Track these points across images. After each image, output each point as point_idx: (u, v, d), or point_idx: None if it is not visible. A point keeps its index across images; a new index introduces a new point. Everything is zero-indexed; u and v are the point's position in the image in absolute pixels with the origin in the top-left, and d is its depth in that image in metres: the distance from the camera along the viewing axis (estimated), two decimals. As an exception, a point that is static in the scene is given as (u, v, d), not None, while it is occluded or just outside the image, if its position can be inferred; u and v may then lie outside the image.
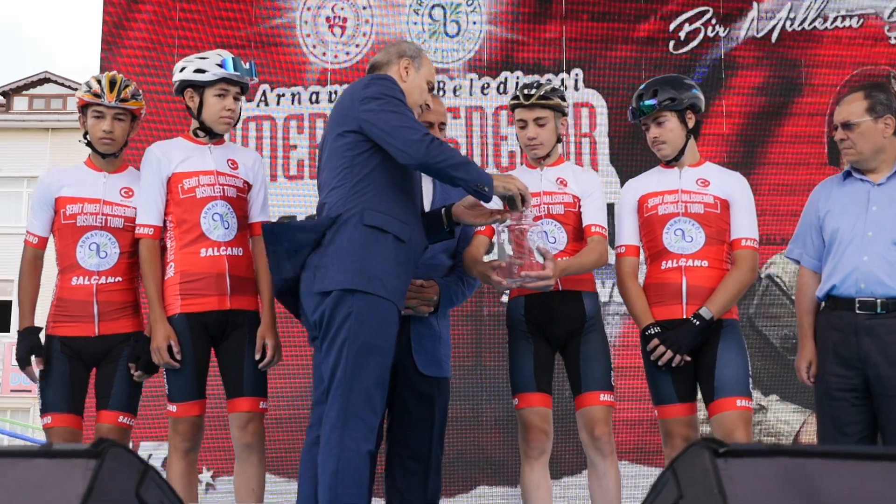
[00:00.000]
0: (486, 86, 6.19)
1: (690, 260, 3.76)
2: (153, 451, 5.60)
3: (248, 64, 3.78)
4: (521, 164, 4.12)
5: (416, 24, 6.24)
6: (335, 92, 6.16)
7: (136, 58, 6.07)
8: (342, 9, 6.26)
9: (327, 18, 6.26)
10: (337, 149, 3.30)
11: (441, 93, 6.17)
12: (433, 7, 6.25)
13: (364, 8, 6.26)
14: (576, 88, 6.13)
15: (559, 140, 3.93)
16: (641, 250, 3.90)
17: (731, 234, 3.80)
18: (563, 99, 3.91)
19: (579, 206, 3.85)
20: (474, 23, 6.24)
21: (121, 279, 3.79)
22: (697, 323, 3.67)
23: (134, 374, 3.72)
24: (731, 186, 3.83)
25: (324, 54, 6.24)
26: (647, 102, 3.82)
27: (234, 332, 3.71)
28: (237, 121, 3.85)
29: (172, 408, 3.68)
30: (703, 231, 3.76)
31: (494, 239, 3.74)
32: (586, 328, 3.79)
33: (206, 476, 5.66)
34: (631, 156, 5.99)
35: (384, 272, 3.18)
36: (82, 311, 3.73)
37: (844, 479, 1.80)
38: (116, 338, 3.75)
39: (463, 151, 6.10)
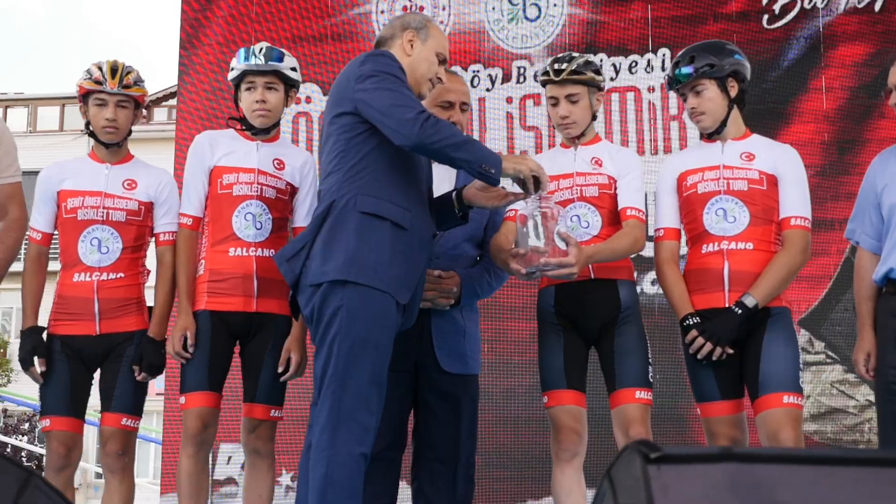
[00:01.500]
0: (568, 70, 5.91)
1: (733, 242, 3.42)
2: (232, 454, 5.56)
3: (261, 47, 3.63)
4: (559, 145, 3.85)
5: (493, 9, 6.02)
6: (413, 82, 6.01)
7: (214, 55, 6.07)
8: (419, -3, 6.11)
9: (404, 7, 6.10)
10: (333, 132, 3.10)
11: (522, 79, 5.95)
12: (512, -10, 6.02)
13: (441, -5, 6.09)
14: (663, 69, 5.78)
15: (594, 117, 3.64)
16: (683, 234, 3.58)
17: (780, 212, 3.44)
18: (598, 73, 3.63)
19: (615, 188, 3.56)
20: (555, 5, 5.98)
21: (123, 275, 3.65)
22: (739, 312, 3.33)
23: (137, 376, 3.60)
24: (779, 160, 3.47)
25: (400, 44, 6.10)
26: (684, 70, 3.50)
27: (258, 336, 3.57)
28: (279, 113, 3.71)
29: (182, 399, 3.56)
30: (748, 210, 3.42)
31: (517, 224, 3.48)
32: (621, 319, 3.50)
33: (285, 478, 5.57)
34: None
35: (378, 262, 2.95)
36: (83, 309, 3.60)
37: (802, 487, 1.52)
38: (118, 336, 3.62)
39: (544, 139, 5.86)
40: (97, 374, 3.68)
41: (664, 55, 5.80)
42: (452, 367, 3.45)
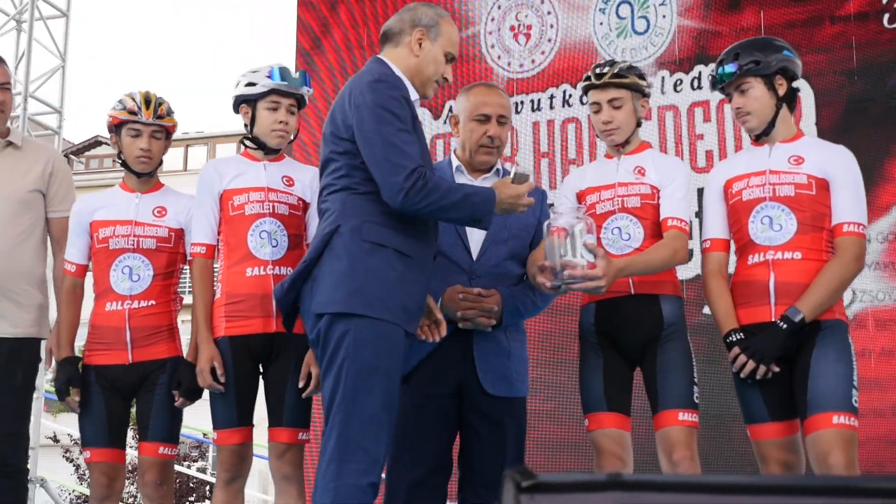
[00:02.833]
0: (678, 82, 5.73)
1: (779, 252, 3.19)
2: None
3: (297, 74, 3.62)
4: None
5: (602, 24, 5.91)
6: (521, 102, 5.96)
7: (330, 73, 6.21)
8: (526, 16, 6.06)
9: (511, 27, 6.08)
10: (336, 151, 3.00)
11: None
12: (620, 4, 5.89)
13: (548, 13, 6.02)
14: (778, 77, 5.50)
15: (639, 124, 3.49)
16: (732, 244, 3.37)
17: (832, 218, 3.19)
18: (643, 77, 3.48)
19: (659, 198, 3.39)
20: (664, 16, 5.81)
21: (154, 303, 3.64)
22: (784, 326, 3.11)
23: (176, 401, 3.59)
24: (830, 162, 3.22)
25: (508, 64, 6.06)
26: (728, 68, 3.31)
27: (279, 358, 3.49)
28: (294, 135, 3.67)
29: (215, 435, 3.51)
30: (795, 217, 3.19)
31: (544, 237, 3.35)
32: (664, 337, 3.32)
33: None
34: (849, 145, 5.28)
35: (385, 292, 2.86)
36: (115, 338, 3.58)
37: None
38: (151, 364, 3.60)
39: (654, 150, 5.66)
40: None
41: (779, 62, 5.51)
42: (497, 390, 3.33)
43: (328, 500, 2.77)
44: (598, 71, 3.46)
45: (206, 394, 3.58)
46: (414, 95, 3.04)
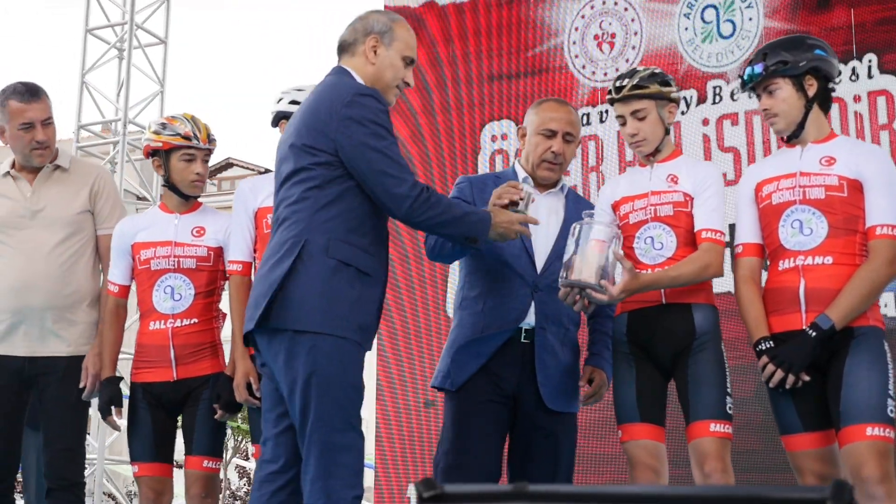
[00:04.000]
0: (766, 86, 5.54)
1: (809, 257, 3.08)
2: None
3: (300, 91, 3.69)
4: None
5: (686, 29, 5.78)
6: (605, 112, 5.89)
7: (410, 98, 6.29)
8: (610, 24, 5.99)
9: (595, 36, 6.01)
10: (304, 163, 2.93)
11: (717, 99, 5.65)
12: (705, 8, 5.75)
13: (632, 20, 5.93)
14: (869, 76, 5.28)
15: (667, 132, 3.42)
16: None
17: (866, 220, 3.05)
18: (667, 84, 3.40)
19: (692, 206, 3.32)
20: (750, 19, 5.64)
21: (196, 321, 3.70)
22: (814, 334, 2.99)
23: (216, 414, 3.65)
24: (863, 162, 3.08)
25: (593, 73, 6.00)
26: (755, 69, 3.21)
27: None
28: None
29: (252, 449, 3.61)
30: (826, 220, 3.07)
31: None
32: (696, 347, 3.24)
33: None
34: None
35: (348, 310, 2.85)
36: (160, 356, 3.66)
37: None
38: (195, 381, 3.68)
39: (743, 160, 5.51)
40: None
41: (870, 61, 5.30)
42: (556, 405, 3.33)
43: None
44: (618, 84, 3.41)
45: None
46: None
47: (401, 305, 6.07)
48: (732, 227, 3.37)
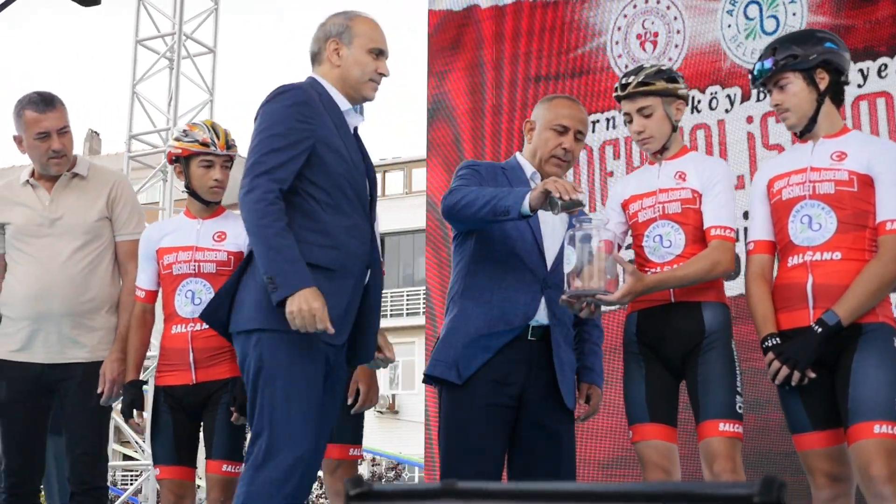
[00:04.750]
0: (810, 82, 5.45)
1: (818, 253, 3.04)
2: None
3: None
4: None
5: (730, 26, 5.72)
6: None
7: (459, 99, 6.33)
8: (652, 23, 5.95)
9: (638, 35, 5.98)
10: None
11: (762, 96, 5.57)
12: (748, 4, 5.68)
13: (675, 18, 5.89)
14: (916, 70, 5.16)
15: (675, 128, 3.39)
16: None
17: (876, 216, 3.00)
18: (673, 80, 3.37)
19: (700, 203, 3.29)
20: (794, 14, 5.56)
21: None
22: (820, 330, 2.96)
23: (234, 419, 3.66)
24: (874, 157, 3.03)
25: (636, 73, 5.96)
26: (765, 64, 3.18)
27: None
28: None
29: None
30: (835, 215, 3.03)
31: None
32: (705, 345, 3.22)
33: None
34: None
35: None
36: (180, 360, 3.68)
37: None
38: (214, 384, 3.67)
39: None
40: None
41: (917, 55, 5.18)
42: (571, 403, 3.36)
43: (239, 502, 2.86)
44: (623, 81, 3.40)
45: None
46: (345, 106, 3.07)
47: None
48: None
